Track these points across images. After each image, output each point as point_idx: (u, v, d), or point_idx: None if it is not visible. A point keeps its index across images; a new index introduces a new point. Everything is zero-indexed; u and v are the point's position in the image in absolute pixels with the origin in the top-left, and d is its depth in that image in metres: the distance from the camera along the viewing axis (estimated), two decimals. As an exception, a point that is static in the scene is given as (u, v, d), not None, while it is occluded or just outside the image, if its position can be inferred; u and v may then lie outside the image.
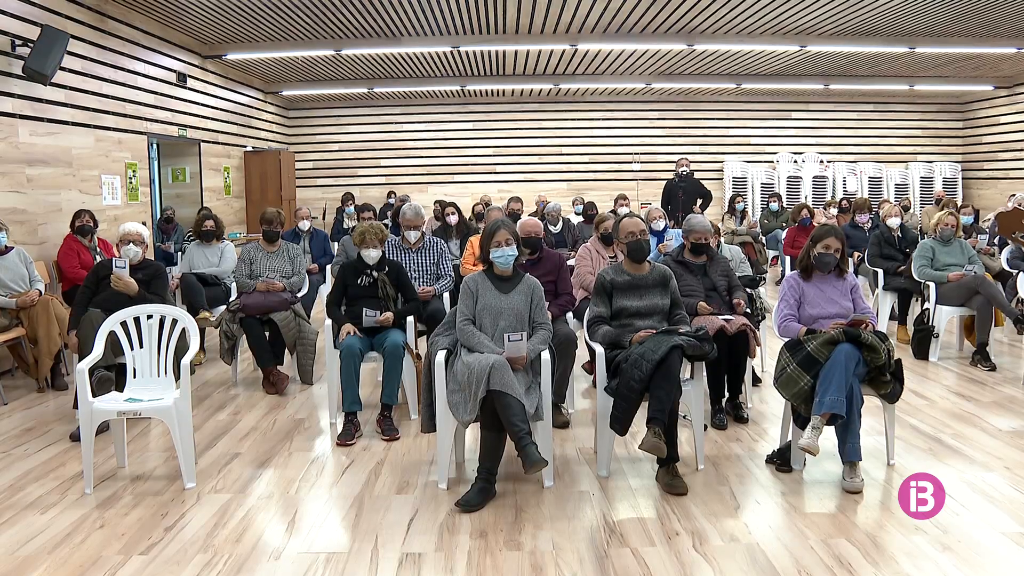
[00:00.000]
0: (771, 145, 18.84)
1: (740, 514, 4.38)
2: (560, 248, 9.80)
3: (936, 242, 8.19)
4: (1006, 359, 7.88)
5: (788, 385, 4.84)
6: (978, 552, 3.90)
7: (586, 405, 6.40)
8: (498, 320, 4.86)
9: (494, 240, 4.96)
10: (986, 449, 5.40)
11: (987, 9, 11.08)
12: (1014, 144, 17.34)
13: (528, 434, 4.39)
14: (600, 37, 12.58)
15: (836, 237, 5.26)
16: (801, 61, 14.71)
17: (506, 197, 13.27)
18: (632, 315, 5.09)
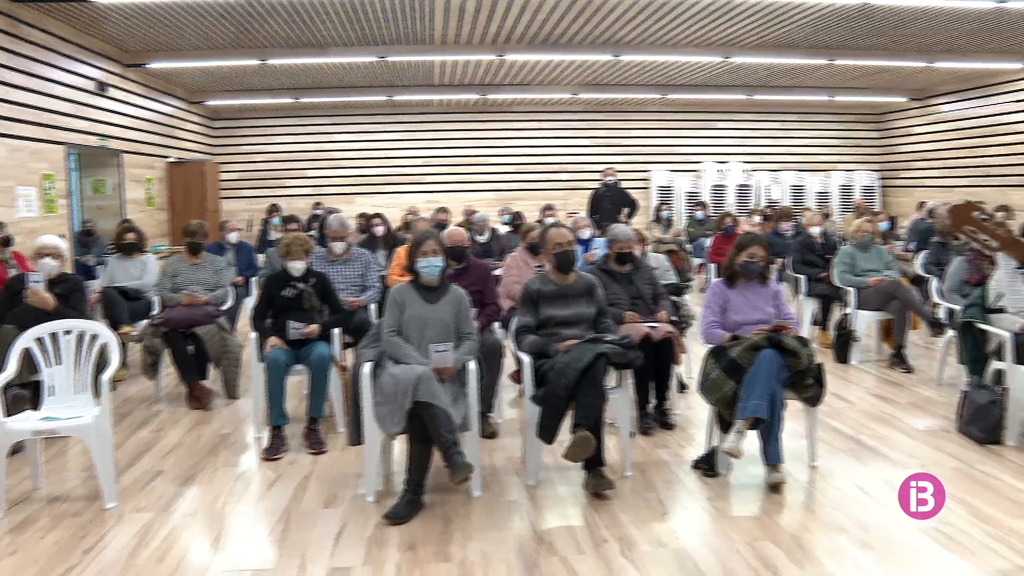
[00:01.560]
0: (696, 154, 19.12)
1: (667, 519, 4.43)
2: (487, 258, 9.79)
3: (855, 248, 8.39)
4: (922, 361, 8.09)
5: (713, 390, 4.92)
6: (897, 549, 4.02)
7: (514, 415, 6.41)
8: (424, 331, 4.85)
9: (420, 250, 4.96)
10: (904, 449, 5.56)
11: (898, 25, 11.43)
12: (927, 153, 17.88)
13: (455, 444, 4.39)
14: (527, 48, 12.65)
15: (760, 245, 5.37)
16: (725, 72, 14.97)
17: (434, 207, 13.27)
18: (558, 324, 5.12)
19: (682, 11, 10.54)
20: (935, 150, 17.58)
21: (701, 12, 10.62)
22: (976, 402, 5.73)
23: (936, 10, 10.50)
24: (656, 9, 10.45)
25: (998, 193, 14.93)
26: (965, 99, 16.46)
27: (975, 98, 16.16)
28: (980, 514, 4.42)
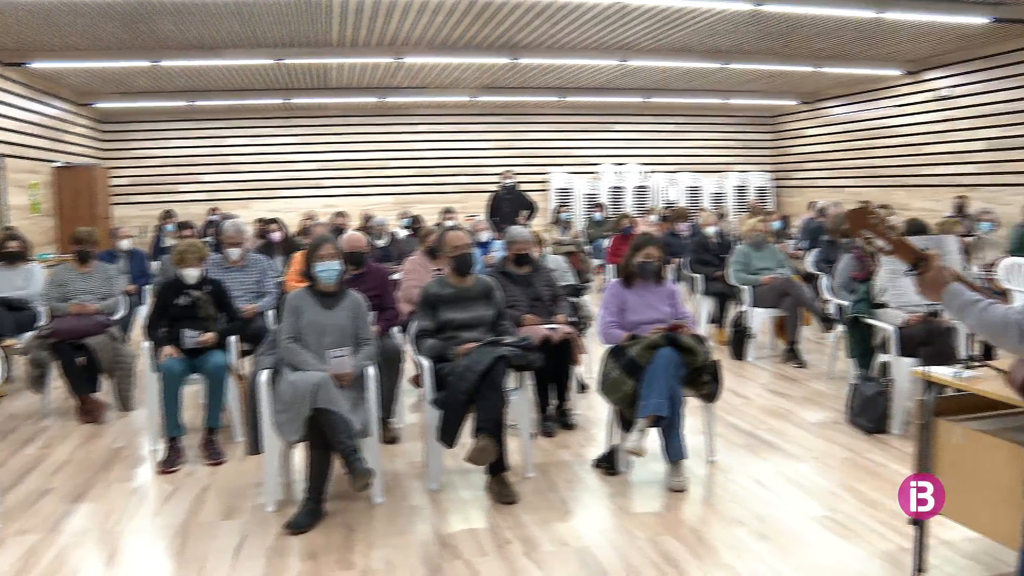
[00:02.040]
0: (594, 156, 19.32)
1: (570, 519, 4.48)
2: (386, 262, 9.74)
3: (749, 248, 8.61)
4: (814, 356, 8.34)
5: (612, 390, 4.98)
6: (792, 538, 4.16)
7: (415, 419, 6.38)
8: (322, 337, 4.80)
9: (317, 255, 4.91)
10: (798, 441, 5.73)
11: (787, 32, 11.77)
12: (817, 155, 18.45)
13: (355, 450, 4.35)
14: (425, 50, 12.61)
15: (656, 246, 5.47)
16: (622, 75, 15.17)
17: (332, 212, 13.11)
18: (457, 327, 5.13)
19: (579, 15, 10.65)
20: (824, 152, 18.15)
21: (597, 17, 10.74)
22: (864, 394, 5.94)
23: (822, 18, 10.86)
24: (553, 13, 10.54)
25: (882, 193, 15.51)
26: (851, 103, 17.04)
27: (861, 102, 16.74)
28: (868, 500, 4.62)
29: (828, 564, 3.89)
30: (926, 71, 14.70)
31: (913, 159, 15.22)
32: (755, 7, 9.77)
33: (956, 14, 10.60)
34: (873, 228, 2.62)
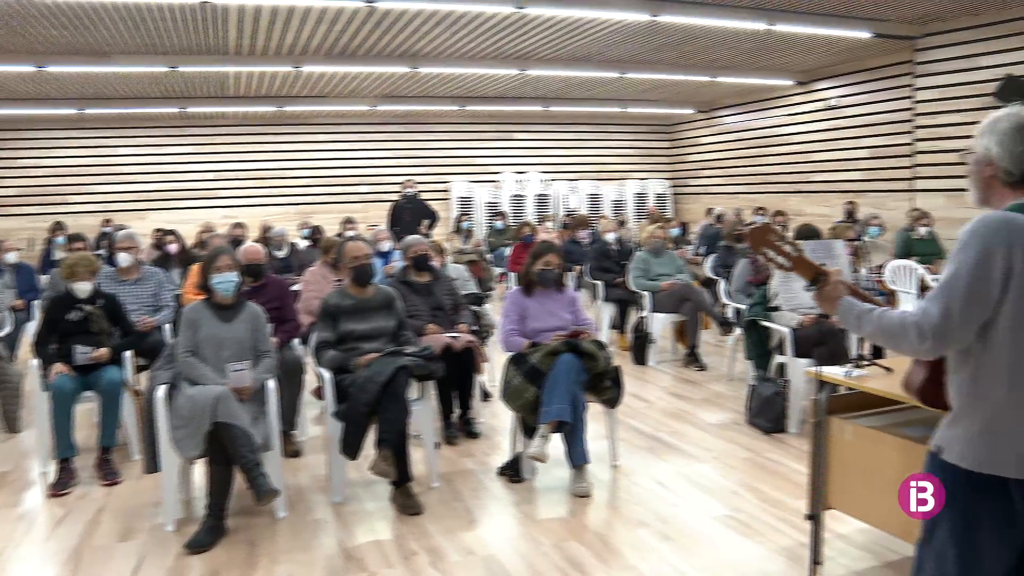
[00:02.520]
0: (495, 165, 19.40)
1: (476, 527, 4.48)
2: (287, 273, 9.62)
3: (649, 254, 8.75)
4: (714, 359, 8.52)
5: (515, 397, 5.00)
6: (695, 538, 4.25)
7: (318, 431, 6.29)
8: (221, 350, 4.70)
9: (214, 267, 4.81)
10: (699, 443, 5.85)
11: (683, 42, 12.03)
12: (713, 162, 18.87)
13: (258, 464, 4.28)
14: (324, 59, 12.48)
15: (555, 253, 5.51)
16: (521, 84, 15.27)
17: (230, 223, 12.86)
18: (358, 338, 5.09)
19: (478, 24, 10.69)
20: (720, 159, 18.58)
21: (497, 26, 10.79)
22: (762, 395, 6.10)
23: (717, 29, 11.13)
24: (453, 22, 10.55)
25: (776, 199, 15.95)
26: (746, 112, 17.49)
27: (754, 111, 17.19)
28: (768, 498, 4.74)
29: (730, 562, 3.98)
30: (815, 81, 15.22)
31: (805, 166, 15.71)
32: (652, 18, 9.96)
33: (841, 28, 11.04)
34: (773, 246, 2.68)
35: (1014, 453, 2.19)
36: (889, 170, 13.55)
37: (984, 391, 2.23)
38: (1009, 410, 2.19)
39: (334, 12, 9.81)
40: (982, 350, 2.21)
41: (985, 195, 2.35)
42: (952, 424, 2.30)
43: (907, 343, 2.26)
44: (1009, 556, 2.25)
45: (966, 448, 2.24)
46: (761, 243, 2.71)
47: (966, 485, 2.24)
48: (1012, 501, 2.20)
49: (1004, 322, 2.17)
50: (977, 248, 2.16)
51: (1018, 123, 2.24)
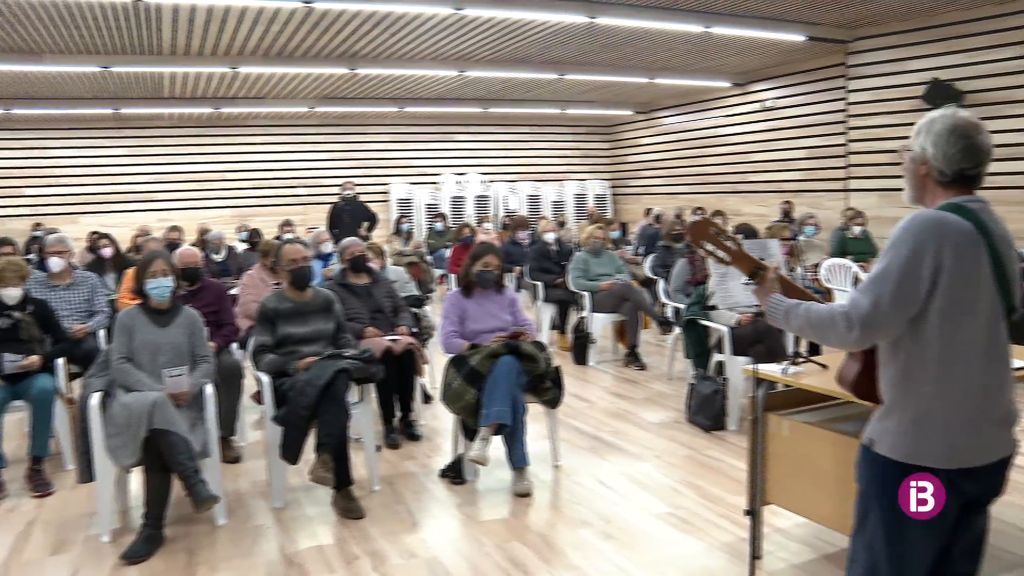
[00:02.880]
0: (435, 166, 19.37)
1: (418, 530, 4.46)
2: (225, 277, 9.50)
3: (588, 254, 8.79)
4: (654, 358, 8.58)
5: (455, 399, 4.99)
6: (636, 536, 4.28)
7: (258, 437, 6.22)
8: (157, 356, 4.62)
9: (149, 272, 4.73)
10: (640, 442, 5.89)
11: (622, 44, 12.13)
12: (653, 163, 19.04)
13: (196, 471, 4.21)
14: (262, 60, 12.34)
15: (494, 254, 5.51)
16: (460, 85, 15.26)
17: (166, 226, 12.66)
18: (297, 342, 5.04)
19: (417, 25, 10.65)
20: (659, 160, 18.75)
21: (436, 27, 10.77)
22: (701, 393, 6.16)
23: (655, 31, 11.24)
24: (392, 23, 10.51)
25: (715, 199, 16.15)
26: (685, 113, 17.68)
27: (693, 112, 17.39)
28: (708, 495, 4.79)
29: (672, 558, 4.01)
30: (752, 83, 15.45)
31: (742, 166, 15.93)
32: (590, 20, 10.02)
33: (776, 31, 11.23)
34: (713, 240, 2.72)
35: (942, 445, 2.26)
36: (824, 170, 13.80)
37: (913, 385, 2.29)
38: (937, 403, 2.26)
39: (271, 12, 9.71)
40: (912, 345, 2.28)
41: (919, 193, 2.41)
42: (883, 417, 2.36)
43: (835, 333, 2.32)
44: (938, 545, 2.34)
45: (897, 440, 2.31)
46: (701, 237, 2.74)
47: (897, 477, 2.31)
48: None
49: (933, 318, 2.23)
50: (909, 245, 2.22)
51: (952, 125, 2.31)
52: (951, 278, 2.20)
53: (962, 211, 2.26)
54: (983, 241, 2.24)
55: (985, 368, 2.27)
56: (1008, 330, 2.34)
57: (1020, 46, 10.45)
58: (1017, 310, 2.35)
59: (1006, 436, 2.36)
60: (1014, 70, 10.54)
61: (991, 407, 2.30)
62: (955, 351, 2.24)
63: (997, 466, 2.35)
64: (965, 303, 2.23)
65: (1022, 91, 10.47)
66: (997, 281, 2.27)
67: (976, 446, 2.28)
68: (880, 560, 2.35)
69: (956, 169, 2.30)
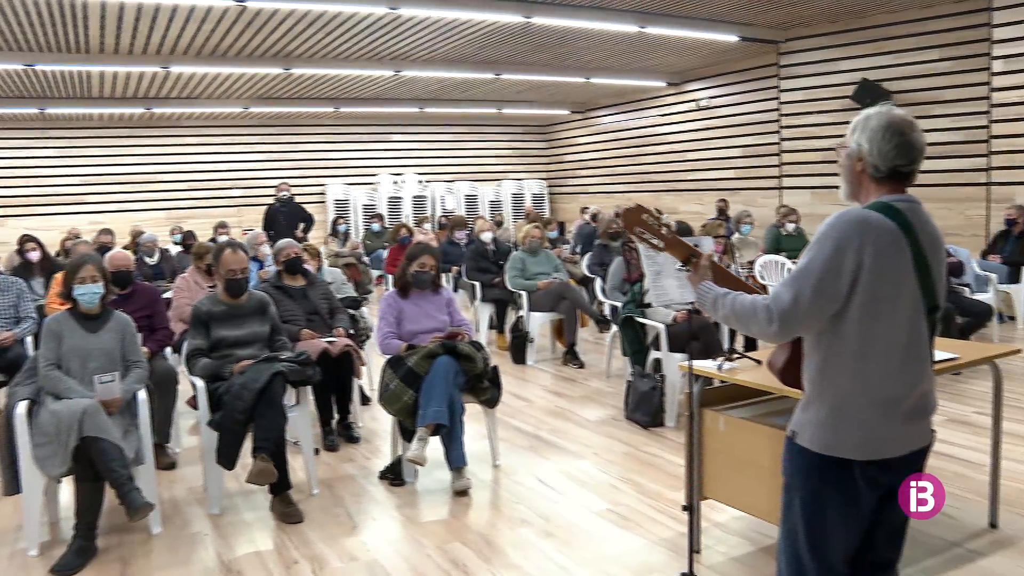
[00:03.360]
0: (371, 167, 19.26)
1: (358, 533, 4.43)
2: (159, 280, 9.33)
3: (526, 254, 8.81)
4: (592, 356, 8.62)
5: (393, 401, 4.97)
6: (576, 533, 4.29)
7: (193, 442, 6.11)
8: (87, 362, 4.51)
9: (78, 277, 4.61)
10: (579, 439, 5.92)
11: (558, 44, 12.20)
12: (590, 162, 19.17)
13: (130, 479, 4.12)
14: (194, 60, 12.16)
15: (431, 255, 5.50)
16: (396, 85, 15.20)
17: (98, 229, 12.39)
18: (232, 345, 4.97)
19: (352, 25, 10.59)
20: (596, 159, 18.87)
21: (371, 27, 10.72)
22: (639, 390, 6.21)
23: (590, 31, 11.31)
24: (326, 23, 10.43)
25: (652, 197, 16.29)
26: (621, 112, 17.81)
27: (629, 112, 17.53)
28: (647, 491, 4.83)
29: (612, 555, 4.03)
30: (687, 83, 15.63)
31: (678, 165, 16.10)
32: (526, 20, 10.04)
33: (709, 31, 11.38)
34: (646, 225, 2.73)
35: (859, 437, 2.31)
36: (759, 168, 14.01)
37: (831, 378, 2.34)
38: (854, 397, 2.32)
39: (203, 11, 9.57)
40: (832, 339, 2.33)
41: (855, 189, 2.46)
42: (804, 409, 2.42)
43: (756, 325, 2.36)
44: (855, 534, 2.41)
45: (815, 432, 2.36)
46: (634, 223, 2.75)
47: (816, 467, 2.37)
48: (856, 482, 2.33)
49: (852, 314, 2.28)
50: (832, 243, 2.26)
51: (887, 122, 2.35)
52: (871, 276, 2.24)
53: (889, 210, 2.30)
54: (906, 240, 2.28)
55: (903, 364, 2.32)
56: (931, 327, 2.39)
57: (944, 48, 10.73)
58: (940, 308, 2.40)
59: (923, 428, 2.42)
60: (939, 71, 10.82)
61: (908, 401, 2.34)
62: (873, 347, 2.29)
63: (914, 456, 2.41)
64: (885, 301, 2.27)
65: (947, 91, 10.76)
66: (920, 280, 2.31)
67: (893, 438, 2.34)
68: (802, 548, 2.41)
69: (890, 166, 2.35)
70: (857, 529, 2.39)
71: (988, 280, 8.77)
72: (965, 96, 10.57)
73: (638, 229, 2.74)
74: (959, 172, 10.64)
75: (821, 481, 2.36)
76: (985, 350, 4.45)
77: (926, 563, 3.76)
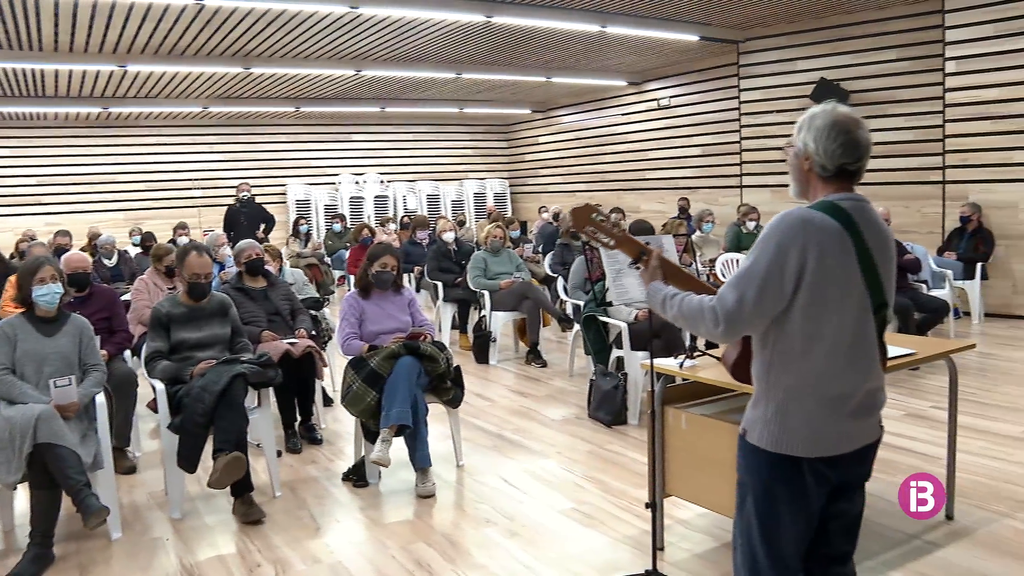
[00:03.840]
0: (332, 167, 19.16)
1: (321, 535, 4.41)
2: (118, 282, 9.23)
3: (487, 253, 8.81)
4: (555, 355, 8.65)
5: (355, 402, 4.95)
6: (540, 532, 4.30)
7: (154, 446, 6.05)
8: (43, 366, 4.44)
9: (36, 278, 4.53)
10: (542, 439, 5.93)
11: (519, 43, 12.20)
12: (551, 161, 19.19)
13: (86, 485, 4.06)
14: (152, 58, 12.00)
15: (392, 255, 5.49)
16: (358, 85, 15.13)
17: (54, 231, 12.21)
18: (192, 347, 4.92)
19: (312, 24, 10.51)
20: (557, 158, 18.90)
21: (331, 26, 10.65)
22: (602, 388, 6.24)
23: (551, 31, 11.33)
24: (286, 21, 10.34)
25: (613, 196, 16.35)
26: (581, 112, 17.85)
27: (590, 111, 17.58)
28: (611, 489, 4.85)
29: (576, 553, 4.04)
30: (648, 82, 15.70)
31: (639, 164, 16.17)
32: (486, 19, 10.04)
33: (669, 31, 11.44)
34: (597, 224, 2.74)
35: (805, 435, 2.33)
36: (719, 167, 14.11)
37: (778, 376, 2.37)
38: (800, 395, 2.34)
39: (160, 9, 9.45)
40: (777, 337, 2.35)
41: (803, 188, 2.48)
42: (753, 406, 2.45)
43: (704, 326, 2.38)
44: (807, 529, 2.43)
45: (764, 430, 2.38)
46: (584, 222, 2.76)
47: (766, 465, 2.39)
48: (805, 479, 2.36)
49: (796, 314, 2.30)
50: (775, 244, 2.28)
51: (832, 120, 2.36)
52: (815, 276, 2.25)
53: (834, 209, 2.31)
54: (851, 239, 2.30)
55: (849, 361, 2.34)
56: (880, 324, 2.41)
57: (901, 48, 10.87)
58: (888, 305, 2.42)
59: (871, 424, 2.44)
60: (895, 71, 10.96)
61: (855, 398, 2.36)
62: (818, 345, 2.31)
63: (862, 452, 2.43)
64: (830, 300, 2.29)
65: (904, 91, 10.90)
66: (866, 278, 2.33)
67: (840, 435, 2.36)
68: (757, 544, 2.43)
69: (837, 164, 2.36)
70: (809, 524, 2.42)
71: (944, 277, 8.90)
72: (920, 96, 10.72)
73: (589, 228, 2.75)
74: (915, 171, 10.79)
75: (771, 478, 2.39)
76: (941, 345, 4.52)
77: (885, 556, 3.81)
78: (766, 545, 2.41)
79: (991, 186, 9.76)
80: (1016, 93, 9.43)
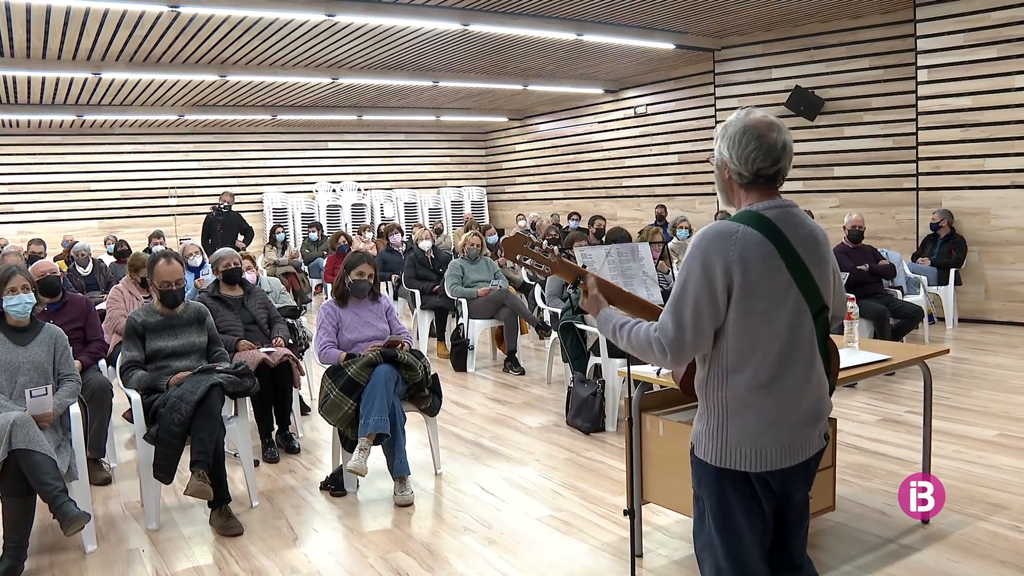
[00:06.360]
0: (309, 175, 19.12)
1: (299, 545, 4.38)
2: (93, 291, 9.15)
3: (465, 261, 8.81)
4: (533, 363, 8.65)
5: (333, 411, 4.94)
6: (518, 540, 4.29)
7: (130, 456, 6.00)
8: (16, 376, 4.40)
9: (7, 287, 4.49)
10: (520, 446, 5.92)
11: (496, 51, 12.23)
12: (527, 169, 19.24)
13: (64, 491, 3.99)
14: (127, 66, 11.94)
15: (369, 263, 5.48)
16: (334, 93, 15.11)
17: (28, 239, 12.11)
18: (168, 356, 4.88)
19: (289, 32, 10.50)
20: (535, 166, 18.95)
21: (308, 34, 10.63)
22: (580, 396, 6.24)
23: (528, 39, 11.37)
24: (263, 29, 10.32)
25: (590, 204, 16.41)
26: (558, 119, 17.92)
27: (567, 119, 17.64)
28: (589, 496, 4.85)
29: (555, 561, 4.04)
30: (624, 90, 15.78)
31: (616, 171, 16.24)
32: (463, 27, 10.05)
33: (646, 39, 11.50)
34: (529, 253, 2.73)
35: (745, 449, 2.32)
36: (696, 174, 14.19)
37: (714, 391, 2.35)
38: (736, 410, 2.32)
39: (135, 16, 9.40)
40: (713, 354, 2.33)
41: (729, 197, 2.46)
42: (698, 420, 2.44)
43: (653, 358, 2.37)
44: (764, 537, 2.42)
45: (708, 444, 2.38)
46: (515, 252, 2.75)
47: (715, 478, 2.39)
48: (754, 489, 2.36)
49: (728, 329, 2.28)
50: (699, 264, 2.26)
51: (744, 126, 2.32)
52: (743, 291, 2.22)
53: (756, 219, 2.28)
54: (776, 249, 2.26)
55: (785, 372, 2.30)
56: (822, 329, 2.38)
57: (874, 57, 10.98)
58: (829, 308, 2.40)
59: (813, 436, 2.40)
60: (869, 79, 11.07)
61: (795, 410, 2.34)
62: (751, 359, 2.28)
63: (804, 464, 2.41)
64: (761, 312, 2.26)
65: (877, 99, 11.01)
66: (800, 284, 2.29)
67: (781, 448, 2.33)
68: (719, 555, 2.42)
69: (753, 170, 2.32)
70: (766, 534, 2.41)
71: (919, 282, 8.98)
72: (894, 104, 10.84)
73: (519, 256, 2.74)
74: (889, 178, 10.90)
75: (722, 490, 2.37)
76: (916, 351, 4.55)
77: (861, 560, 3.83)
78: (730, 556, 2.39)
79: (963, 193, 9.86)
80: (987, 101, 9.54)
